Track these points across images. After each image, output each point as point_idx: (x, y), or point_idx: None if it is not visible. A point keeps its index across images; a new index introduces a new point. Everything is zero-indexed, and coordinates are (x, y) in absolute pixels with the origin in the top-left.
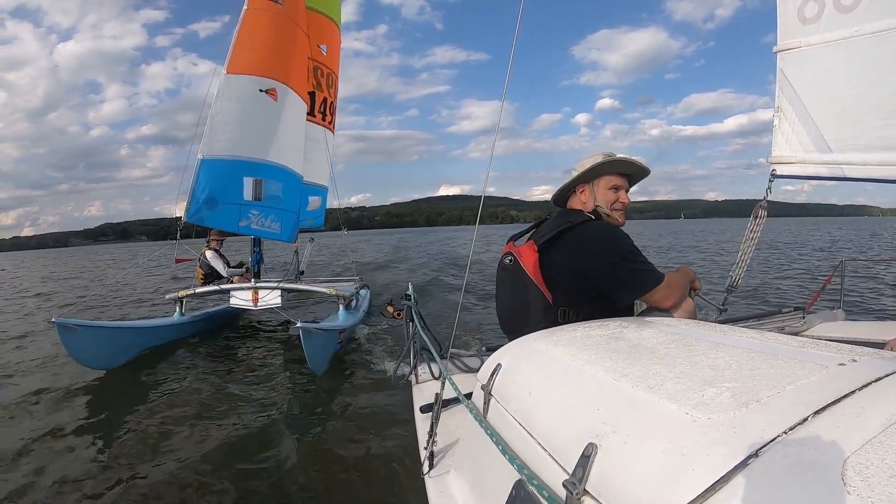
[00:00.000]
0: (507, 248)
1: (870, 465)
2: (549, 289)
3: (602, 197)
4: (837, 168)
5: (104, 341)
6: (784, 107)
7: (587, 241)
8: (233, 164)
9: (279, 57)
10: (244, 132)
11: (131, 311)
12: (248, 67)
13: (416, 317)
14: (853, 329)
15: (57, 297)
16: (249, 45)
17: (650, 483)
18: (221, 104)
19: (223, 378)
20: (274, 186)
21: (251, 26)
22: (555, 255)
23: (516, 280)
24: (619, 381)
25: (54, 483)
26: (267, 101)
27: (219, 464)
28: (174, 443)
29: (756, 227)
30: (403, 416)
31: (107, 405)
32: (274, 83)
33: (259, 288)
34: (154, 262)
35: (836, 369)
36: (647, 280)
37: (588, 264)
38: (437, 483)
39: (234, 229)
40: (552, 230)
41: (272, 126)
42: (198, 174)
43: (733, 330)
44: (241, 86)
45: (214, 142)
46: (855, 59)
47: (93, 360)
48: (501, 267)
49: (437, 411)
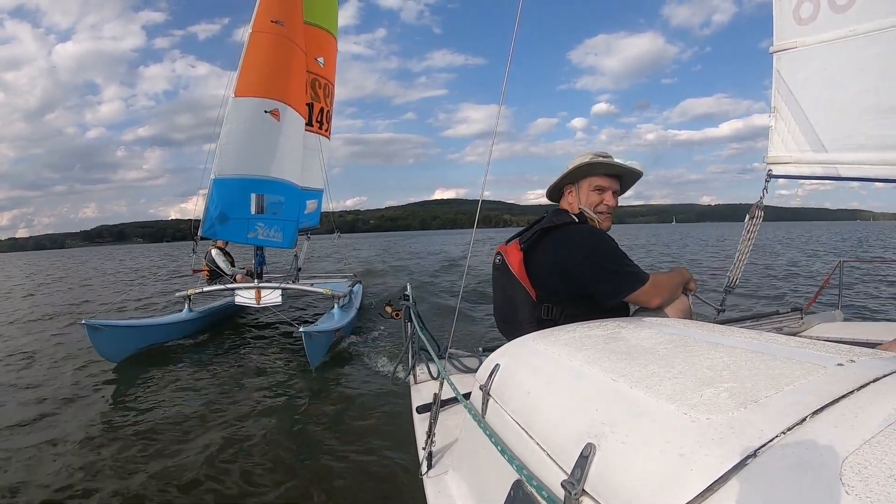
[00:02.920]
0: (498, 249)
1: (868, 466)
2: (534, 286)
3: (585, 199)
4: (832, 168)
5: (125, 338)
6: (780, 107)
7: (569, 243)
8: (240, 183)
9: (281, 78)
10: (250, 152)
11: (152, 307)
12: (254, 90)
13: (415, 317)
14: (851, 330)
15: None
16: (255, 68)
17: (649, 483)
18: (230, 126)
19: (223, 378)
20: (276, 200)
21: (256, 49)
22: (538, 254)
23: (505, 279)
24: (618, 381)
25: (51, 481)
26: (270, 122)
27: (215, 462)
28: (170, 442)
29: (753, 227)
30: (402, 416)
31: (110, 400)
32: (276, 104)
33: (262, 288)
34: (164, 267)
35: (835, 370)
36: (630, 282)
37: (571, 266)
38: (436, 483)
39: (244, 241)
40: (536, 230)
41: (275, 144)
42: (211, 193)
43: (731, 330)
44: (248, 108)
45: (224, 162)
46: (850, 58)
47: (114, 355)
48: (493, 266)
49: (435, 411)
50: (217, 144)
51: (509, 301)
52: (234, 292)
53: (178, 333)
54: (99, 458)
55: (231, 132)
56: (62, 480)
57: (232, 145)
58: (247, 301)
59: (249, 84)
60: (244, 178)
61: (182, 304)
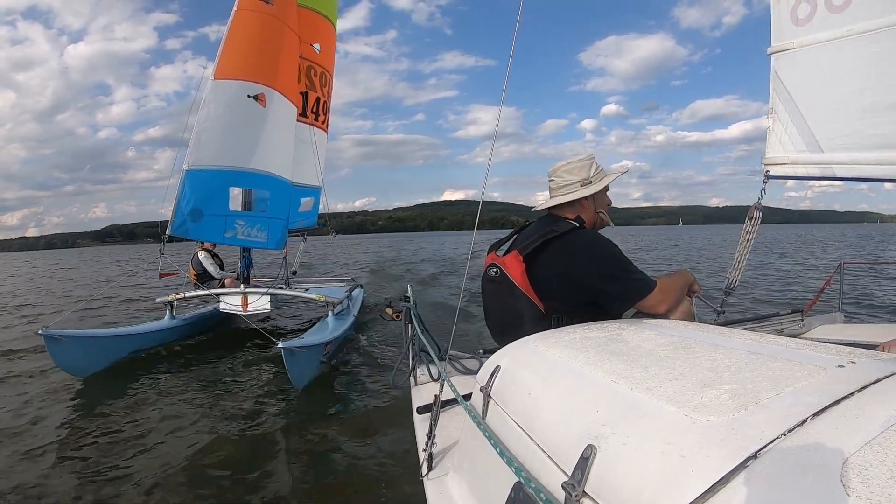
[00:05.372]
0: (489, 259)
1: (869, 467)
2: (540, 297)
3: (601, 202)
4: (828, 168)
5: (92, 350)
6: (777, 108)
7: (573, 251)
8: (218, 175)
9: (268, 60)
10: (230, 140)
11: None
12: (237, 72)
13: (415, 319)
14: (852, 331)
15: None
16: (238, 48)
17: (649, 485)
18: (208, 111)
19: (215, 383)
20: (260, 195)
21: (240, 28)
22: (543, 264)
23: (505, 291)
24: (618, 382)
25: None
26: (255, 108)
27: (211, 470)
28: (164, 446)
29: (752, 228)
30: (402, 418)
31: (86, 414)
32: (263, 88)
33: (248, 293)
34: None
35: (835, 371)
36: (638, 290)
37: (579, 275)
38: (436, 485)
39: (220, 241)
40: (537, 239)
41: (260, 133)
42: (182, 185)
43: (732, 332)
44: (229, 92)
45: (200, 151)
46: (846, 58)
47: (80, 370)
48: (486, 279)
49: (435, 413)
50: (193, 132)
51: (512, 313)
52: (219, 299)
53: (157, 344)
54: (66, 472)
55: (209, 118)
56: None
57: (210, 133)
58: (232, 308)
59: (231, 66)
60: (222, 169)
61: (164, 311)
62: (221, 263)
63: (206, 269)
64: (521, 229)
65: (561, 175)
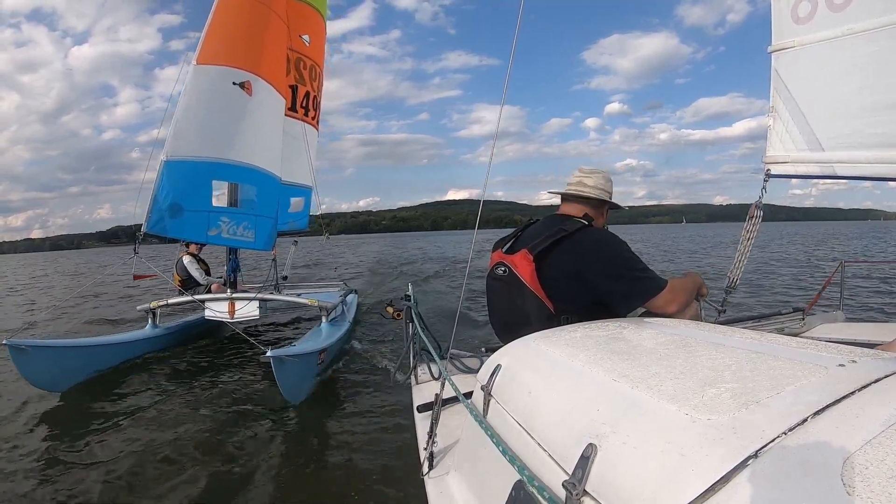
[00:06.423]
0: (496, 257)
1: (869, 466)
2: (550, 297)
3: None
4: (829, 167)
5: (65, 362)
6: (778, 106)
7: (583, 251)
8: (200, 166)
9: (255, 47)
10: (214, 130)
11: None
12: (221, 57)
13: (416, 317)
14: (853, 330)
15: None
16: (223, 32)
17: (650, 483)
18: (189, 98)
19: (201, 396)
20: (247, 190)
21: (226, 12)
22: (553, 264)
23: (513, 290)
24: (619, 381)
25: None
26: (241, 96)
27: (209, 472)
28: (145, 470)
29: (752, 227)
30: (403, 416)
31: (64, 431)
32: (249, 76)
33: (235, 299)
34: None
35: (836, 370)
36: (644, 289)
37: (586, 273)
38: (437, 483)
39: (203, 239)
40: (547, 238)
41: (246, 123)
42: (160, 178)
43: (733, 331)
44: (212, 78)
45: (180, 141)
46: (846, 57)
47: (52, 384)
48: (493, 277)
49: (436, 412)
50: (172, 120)
51: (518, 312)
52: (204, 305)
53: (138, 355)
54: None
55: (189, 106)
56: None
57: (190, 121)
58: (218, 315)
59: (215, 51)
60: (204, 160)
61: (146, 320)
62: (208, 269)
63: (192, 274)
64: (526, 227)
65: (596, 180)
